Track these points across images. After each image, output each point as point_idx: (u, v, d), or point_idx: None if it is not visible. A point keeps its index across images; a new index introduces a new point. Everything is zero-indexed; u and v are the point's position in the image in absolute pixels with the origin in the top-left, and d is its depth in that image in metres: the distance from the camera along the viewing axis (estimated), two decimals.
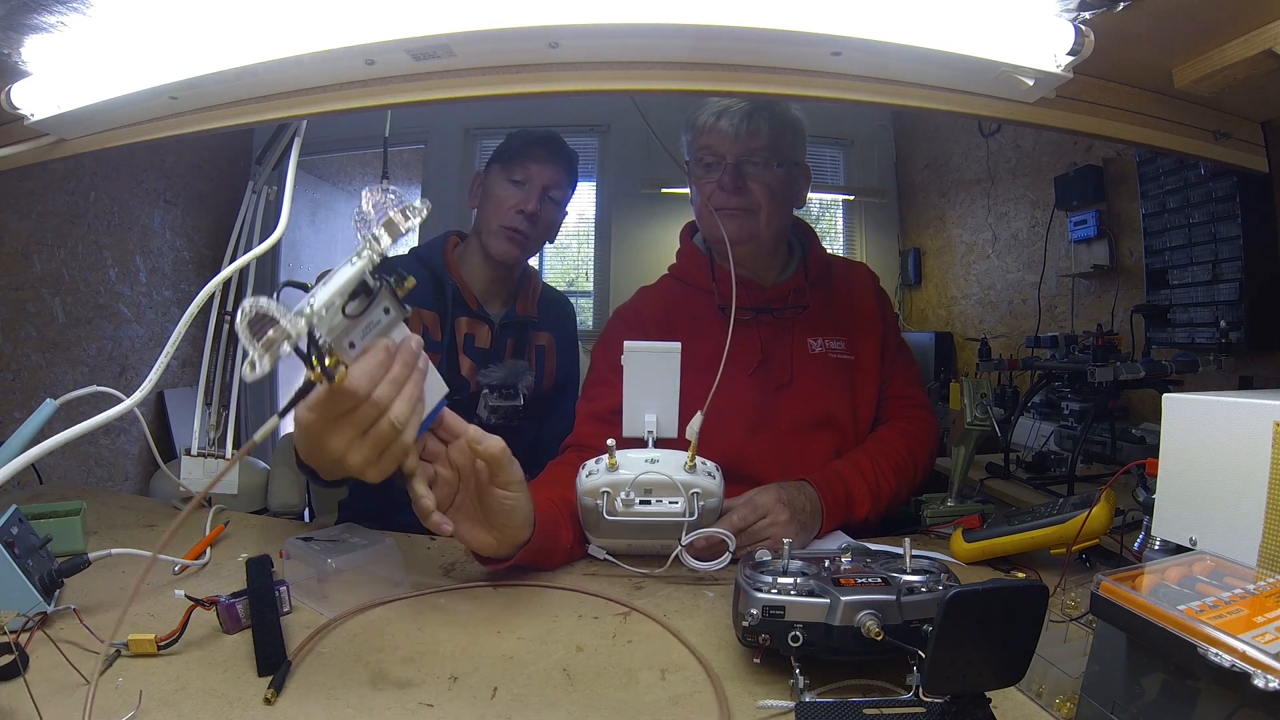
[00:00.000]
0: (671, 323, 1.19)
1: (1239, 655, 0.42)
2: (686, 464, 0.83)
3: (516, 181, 1.27)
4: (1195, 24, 0.77)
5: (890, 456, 1.13)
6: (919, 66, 0.81)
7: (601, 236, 3.81)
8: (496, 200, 1.28)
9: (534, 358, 1.37)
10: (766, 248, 1.20)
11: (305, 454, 0.71)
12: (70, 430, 0.69)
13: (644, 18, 0.72)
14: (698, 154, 1.17)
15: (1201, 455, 0.68)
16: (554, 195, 1.30)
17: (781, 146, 1.15)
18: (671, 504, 0.82)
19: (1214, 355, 1.61)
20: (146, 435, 1.14)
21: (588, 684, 0.64)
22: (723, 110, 1.13)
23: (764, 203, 1.13)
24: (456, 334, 1.29)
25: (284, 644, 0.67)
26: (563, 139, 1.35)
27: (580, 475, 0.86)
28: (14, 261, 2.10)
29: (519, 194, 1.27)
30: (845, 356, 1.21)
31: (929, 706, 0.56)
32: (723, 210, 1.12)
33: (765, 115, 1.13)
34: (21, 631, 0.65)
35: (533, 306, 1.38)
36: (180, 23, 0.78)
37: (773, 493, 0.96)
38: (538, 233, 1.31)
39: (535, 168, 1.28)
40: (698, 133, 1.17)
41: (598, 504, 0.83)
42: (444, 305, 1.28)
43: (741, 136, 1.12)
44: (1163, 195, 1.90)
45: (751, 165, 1.13)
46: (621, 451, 0.85)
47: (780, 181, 1.15)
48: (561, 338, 1.44)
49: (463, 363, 1.29)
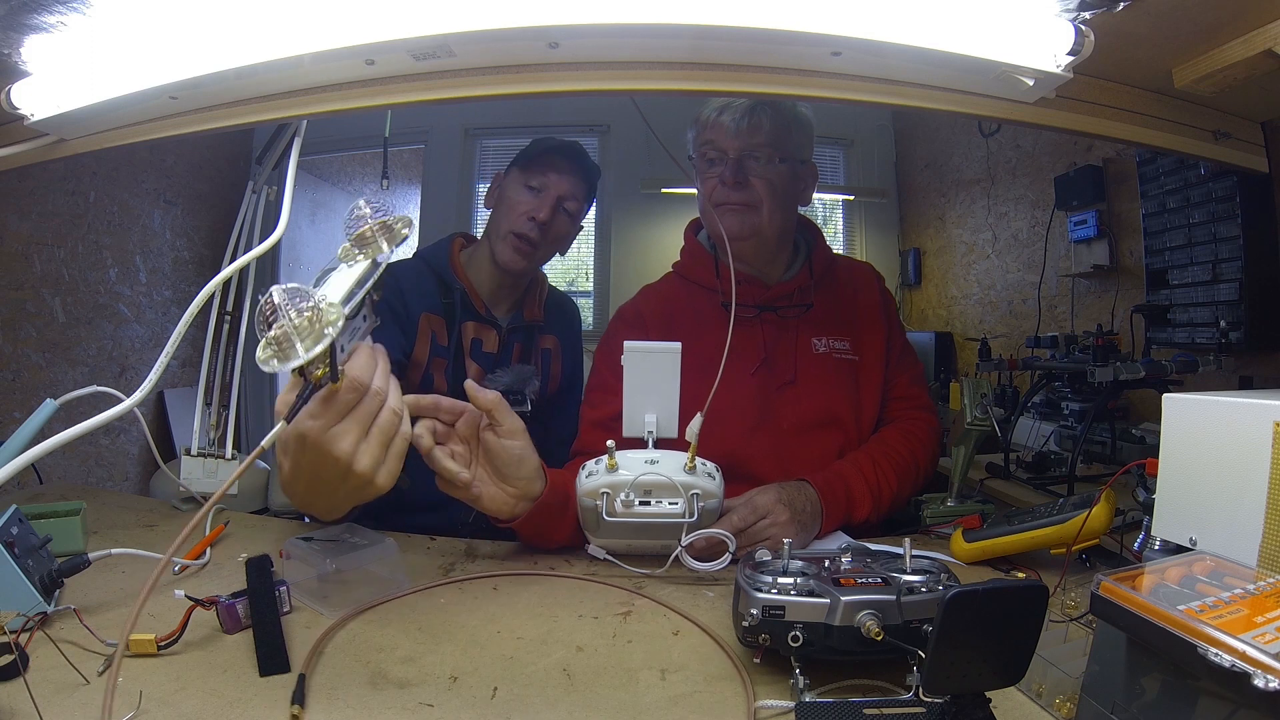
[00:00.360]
0: (674, 321, 1.19)
1: (1239, 655, 0.42)
2: (686, 465, 0.83)
3: (533, 188, 1.26)
4: (1195, 24, 0.77)
5: (892, 458, 1.12)
6: (919, 66, 0.81)
7: (601, 236, 3.81)
8: (510, 204, 1.27)
9: (540, 361, 1.36)
10: (769, 244, 1.20)
11: (305, 492, 0.70)
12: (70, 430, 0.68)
13: (644, 18, 0.72)
14: (701, 149, 1.18)
15: (1201, 455, 0.68)
16: (569, 206, 1.28)
17: (785, 142, 1.15)
18: (671, 505, 0.82)
19: (1214, 355, 1.61)
20: (146, 435, 1.14)
21: (588, 684, 0.64)
22: (725, 105, 1.14)
23: (765, 198, 1.13)
24: (463, 339, 1.28)
25: (285, 644, 0.67)
26: (585, 151, 1.33)
27: (580, 476, 0.86)
28: (14, 261, 2.10)
29: (534, 200, 1.25)
30: (849, 357, 1.21)
31: (929, 706, 0.56)
32: (724, 205, 1.13)
33: (768, 111, 1.13)
34: (21, 631, 0.65)
35: (539, 310, 1.37)
36: (180, 23, 0.78)
37: (772, 493, 0.96)
38: (547, 242, 1.29)
39: (554, 176, 1.26)
40: (701, 128, 1.18)
41: (597, 504, 0.83)
42: (451, 310, 1.26)
43: (743, 131, 1.12)
44: (1163, 195, 1.90)
45: (753, 160, 1.13)
46: (621, 452, 0.85)
47: (783, 177, 1.15)
48: (566, 340, 1.43)
49: (470, 367, 1.28)
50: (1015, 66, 0.77)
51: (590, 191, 1.33)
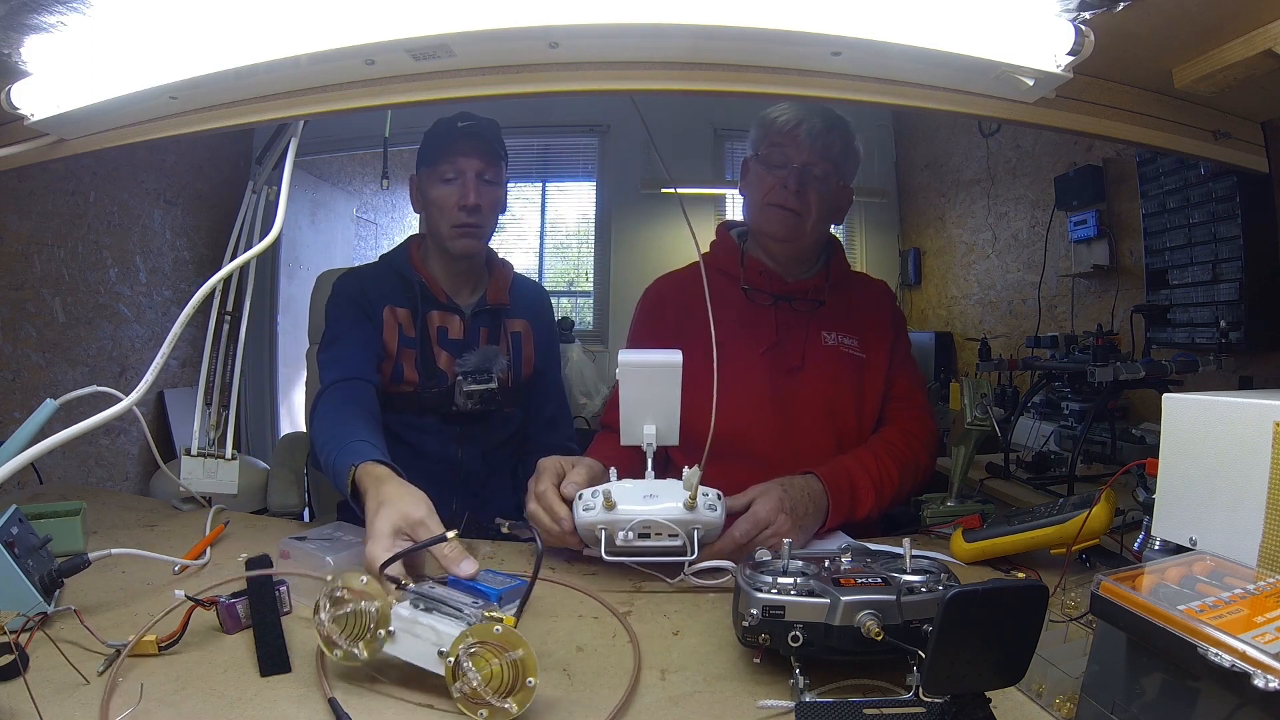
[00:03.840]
0: (692, 302, 1.21)
1: (1239, 655, 0.42)
2: (687, 502, 0.80)
3: (449, 180, 1.28)
4: (1195, 24, 0.77)
5: (893, 454, 1.14)
6: (919, 66, 0.81)
7: (601, 236, 3.81)
8: (437, 204, 1.29)
9: (510, 344, 1.38)
10: (804, 252, 1.27)
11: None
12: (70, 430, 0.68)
13: (644, 18, 0.72)
14: (769, 152, 1.22)
15: (1201, 455, 0.68)
16: (488, 177, 1.30)
17: (843, 166, 1.23)
18: (671, 538, 0.81)
19: (1214, 355, 1.61)
20: (146, 435, 1.14)
21: (588, 684, 0.64)
22: (802, 119, 1.19)
23: (815, 210, 1.20)
24: (429, 328, 1.31)
25: (285, 644, 0.67)
26: (477, 117, 1.32)
27: (576, 507, 0.85)
28: (14, 261, 2.10)
29: (455, 190, 1.27)
30: (857, 354, 1.24)
31: (929, 706, 0.56)
32: (777, 207, 1.19)
33: (838, 135, 1.21)
34: (21, 631, 0.65)
35: (504, 294, 1.39)
36: (180, 23, 0.78)
37: (774, 499, 0.95)
38: (486, 218, 1.32)
39: (461, 160, 1.28)
40: (774, 132, 1.22)
41: (596, 538, 0.82)
42: (414, 302, 1.30)
43: (816, 149, 1.19)
44: (1163, 195, 1.90)
45: (814, 176, 1.19)
46: (620, 484, 0.83)
47: (833, 196, 1.23)
48: (538, 324, 1.44)
49: (438, 355, 1.31)
50: (1015, 66, 0.77)
51: (498, 148, 1.33)
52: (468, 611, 0.61)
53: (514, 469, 1.42)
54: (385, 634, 0.61)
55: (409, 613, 0.61)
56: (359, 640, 0.61)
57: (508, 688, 0.56)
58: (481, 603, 0.64)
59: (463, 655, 0.56)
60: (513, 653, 0.56)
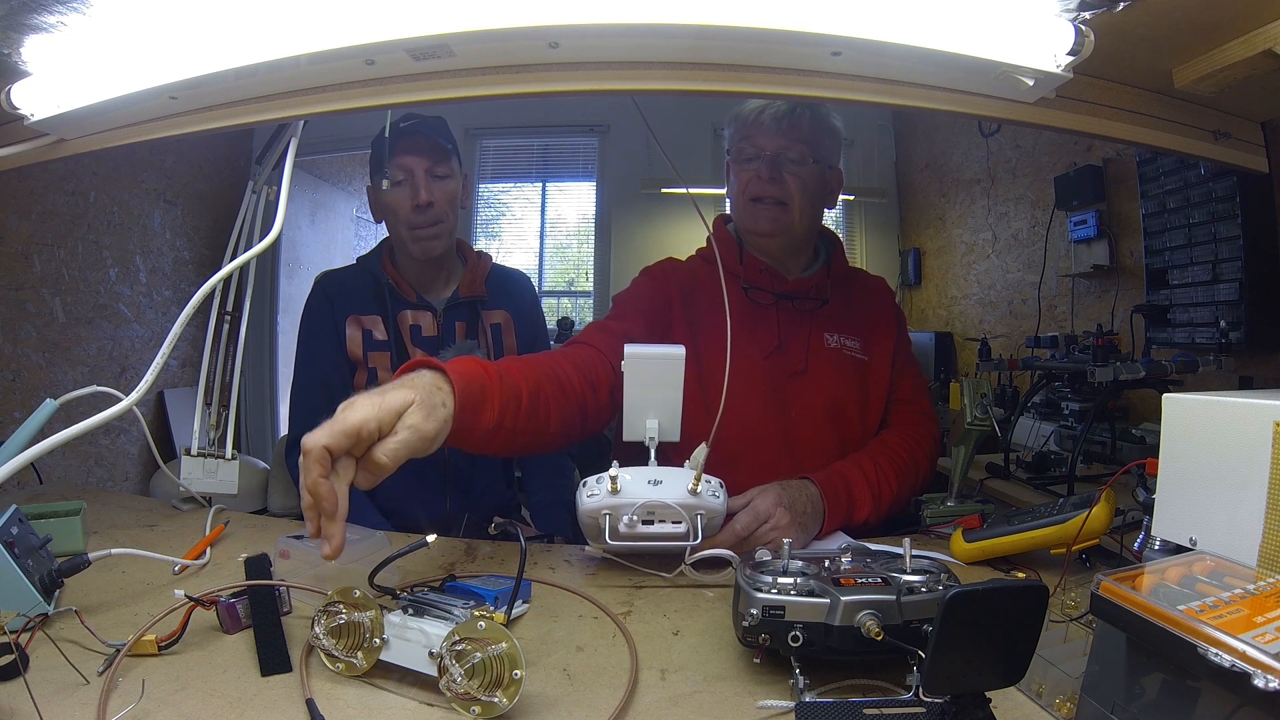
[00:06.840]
0: (692, 296, 1.21)
1: (1239, 655, 0.42)
2: (691, 487, 0.81)
3: (399, 182, 1.27)
4: (1195, 24, 0.77)
5: (893, 459, 1.13)
6: (919, 66, 0.81)
7: (601, 236, 3.81)
8: (392, 210, 1.29)
9: (489, 336, 1.37)
10: (796, 241, 1.24)
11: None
12: (70, 430, 0.69)
13: (644, 18, 0.72)
14: (739, 145, 1.21)
15: (1201, 455, 0.68)
16: (438, 173, 1.29)
17: (819, 145, 1.20)
18: (675, 524, 0.81)
19: (1214, 355, 1.61)
20: (146, 435, 1.14)
21: (588, 684, 0.64)
22: (766, 105, 1.17)
23: (797, 195, 1.17)
24: (401, 328, 1.31)
25: (286, 644, 0.67)
26: (420, 115, 1.31)
27: (580, 494, 0.84)
28: (14, 261, 2.10)
29: (407, 192, 1.27)
30: (860, 356, 1.23)
31: (929, 706, 0.56)
32: (759, 200, 1.17)
33: (806, 114, 1.18)
34: (22, 631, 0.65)
35: (480, 286, 1.38)
36: (180, 23, 0.78)
37: (773, 495, 0.96)
38: (444, 213, 1.31)
39: (406, 159, 1.27)
40: (741, 125, 1.21)
41: (599, 524, 0.82)
42: (383, 304, 1.31)
43: (783, 130, 1.16)
44: (1163, 195, 1.90)
45: (789, 159, 1.17)
46: (623, 471, 0.83)
47: (814, 179, 1.20)
48: (519, 314, 1.42)
49: (413, 354, 1.30)
50: (1015, 66, 0.77)
51: (443, 141, 1.32)
52: (457, 613, 0.62)
53: (503, 461, 1.41)
54: (380, 642, 0.62)
55: (400, 619, 0.63)
56: (357, 650, 0.62)
57: (494, 682, 0.56)
58: (474, 604, 0.65)
59: (446, 652, 0.57)
60: (495, 646, 0.56)
